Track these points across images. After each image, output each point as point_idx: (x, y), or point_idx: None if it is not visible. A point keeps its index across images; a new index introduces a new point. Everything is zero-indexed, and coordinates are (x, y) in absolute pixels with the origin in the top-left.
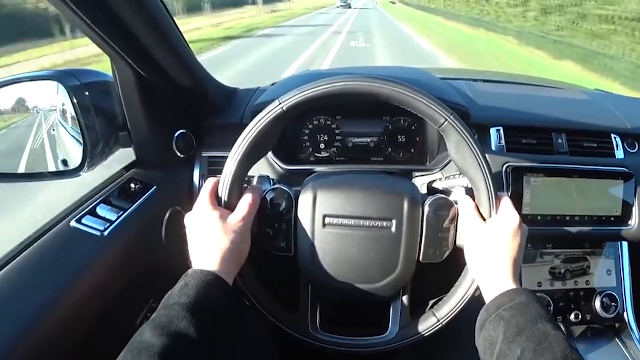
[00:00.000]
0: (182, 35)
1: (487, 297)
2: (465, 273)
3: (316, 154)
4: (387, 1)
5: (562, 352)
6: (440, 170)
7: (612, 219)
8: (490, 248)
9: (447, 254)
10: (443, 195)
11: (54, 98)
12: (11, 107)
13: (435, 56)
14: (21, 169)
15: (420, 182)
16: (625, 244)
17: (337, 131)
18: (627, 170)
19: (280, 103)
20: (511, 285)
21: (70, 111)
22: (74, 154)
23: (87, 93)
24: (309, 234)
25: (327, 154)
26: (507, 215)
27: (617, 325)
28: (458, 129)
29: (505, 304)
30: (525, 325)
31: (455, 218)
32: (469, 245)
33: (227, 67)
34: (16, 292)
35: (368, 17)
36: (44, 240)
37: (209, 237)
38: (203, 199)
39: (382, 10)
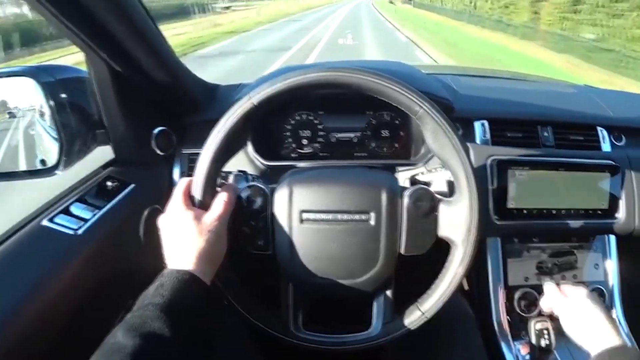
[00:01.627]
0: (159, 31)
1: (595, 347)
2: (448, 265)
3: (299, 150)
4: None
5: None
6: (424, 164)
7: (599, 212)
8: (584, 313)
9: (429, 245)
10: (423, 186)
11: (32, 95)
12: None
13: None
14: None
15: (404, 176)
16: (612, 237)
17: (319, 127)
18: (613, 163)
19: (250, 97)
20: (618, 340)
21: (45, 109)
22: (51, 152)
23: (62, 90)
24: (287, 231)
25: (310, 150)
26: (578, 291)
27: None
28: (434, 117)
29: (618, 356)
30: None
31: (436, 208)
32: (564, 317)
33: None
34: None
35: (357, 25)
36: (14, 239)
37: (184, 238)
38: (176, 200)
39: (378, 15)
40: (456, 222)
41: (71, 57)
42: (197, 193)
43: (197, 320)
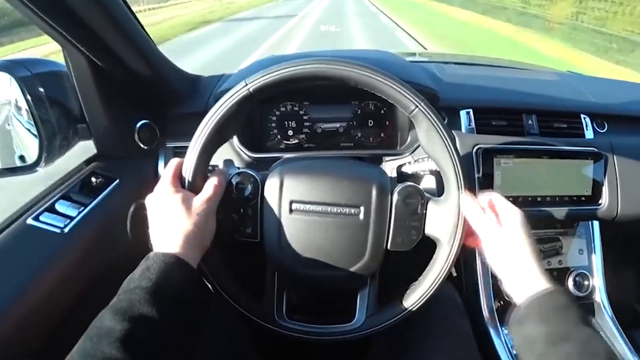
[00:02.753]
0: (138, 22)
1: (521, 294)
2: (433, 263)
3: (285, 141)
4: None
5: (608, 358)
6: (411, 154)
7: (583, 198)
8: (510, 247)
9: (415, 242)
10: (412, 183)
11: (7, 90)
12: None
13: None
14: None
15: (391, 166)
16: (596, 223)
17: (305, 117)
18: (596, 150)
19: (246, 84)
20: (545, 283)
21: (23, 104)
22: (31, 149)
23: (39, 84)
24: (276, 220)
25: (296, 141)
26: (511, 212)
27: (590, 302)
28: (429, 116)
29: (548, 303)
30: (570, 329)
31: (424, 206)
32: (488, 249)
33: None
34: None
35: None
36: None
37: (172, 220)
38: (165, 181)
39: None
40: (443, 221)
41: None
42: (188, 174)
43: (184, 304)
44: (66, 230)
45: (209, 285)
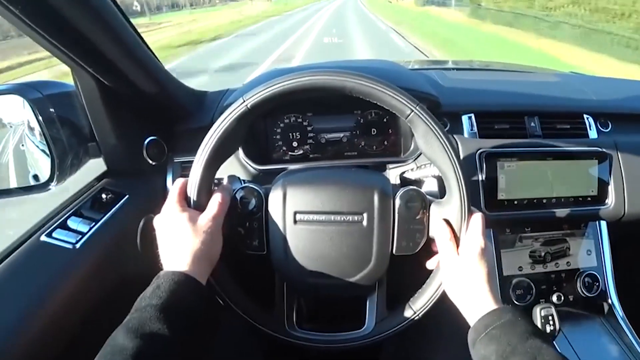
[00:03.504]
0: (143, 41)
1: (472, 318)
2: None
3: (290, 153)
4: None
5: None
6: (414, 160)
7: (589, 199)
8: (464, 274)
9: (420, 245)
10: (414, 187)
11: (21, 112)
12: None
13: None
14: None
15: (395, 174)
16: (603, 223)
17: (309, 128)
18: (601, 149)
19: (244, 101)
20: (493, 304)
21: (35, 125)
22: (44, 168)
23: (50, 105)
24: (281, 232)
25: (301, 152)
26: (473, 239)
27: (599, 304)
28: (425, 120)
29: (494, 322)
30: (517, 342)
31: (427, 209)
32: (446, 274)
33: None
34: None
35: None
36: (14, 256)
37: (179, 239)
38: (171, 201)
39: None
40: (447, 223)
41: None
42: (193, 194)
43: (194, 321)
44: (78, 245)
45: (219, 299)
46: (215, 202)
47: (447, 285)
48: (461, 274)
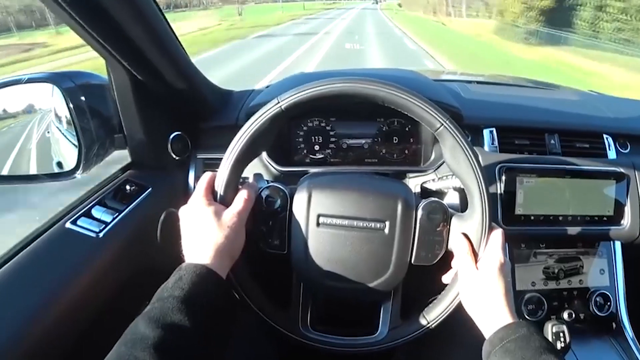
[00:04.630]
0: (177, 39)
1: (488, 331)
2: (456, 277)
3: (311, 156)
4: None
5: None
6: (434, 171)
7: (605, 218)
8: (482, 288)
9: (439, 257)
10: (436, 199)
11: (48, 100)
12: (7, 109)
13: None
14: (14, 172)
15: (414, 183)
16: (618, 243)
17: (331, 133)
18: (619, 170)
19: (279, 102)
20: (509, 318)
21: (65, 113)
22: (69, 156)
23: (82, 95)
24: (303, 233)
25: (322, 156)
26: (492, 254)
27: (610, 324)
28: (454, 134)
29: (509, 336)
30: (531, 356)
31: (448, 221)
32: (464, 287)
33: None
34: (13, 293)
35: None
36: (40, 241)
37: (203, 232)
38: (198, 193)
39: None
40: (466, 237)
41: None
42: (220, 188)
43: (213, 313)
44: (101, 235)
45: (237, 295)
46: (241, 198)
47: (464, 298)
48: (480, 287)
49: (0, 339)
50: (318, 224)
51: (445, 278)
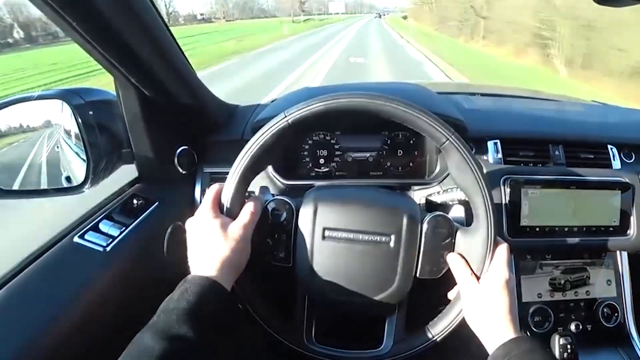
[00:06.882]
0: (183, 54)
1: (491, 346)
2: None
3: (316, 169)
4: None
5: None
6: (439, 183)
7: (611, 229)
8: (485, 304)
9: (444, 270)
10: (442, 213)
11: (58, 116)
12: (18, 125)
13: None
14: (24, 186)
15: (419, 195)
16: (624, 254)
17: (336, 146)
18: (624, 180)
19: (285, 116)
20: (513, 334)
21: (74, 129)
22: (77, 170)
23: (91, 111)
24: (308, 246)
25: (327, 169)
26: (497, 269)
27: (618, 335)
28: (459, 149)
29: (513, 350)
30: None
31: (453, 235)
32: (466, 302)
33: None
34: (21, 306)
35: None
36: (47, 255)
37: (209, 244)
38: (205, 206)
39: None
40: (471, 251)
41: None
42: (227, 201)
43: (218, 325)
44: (108, 249)
45: (241, 307)
46: (248, 211)
47: (467, 313)
48: (483, 303)
49: (8, 353)
50: (323, 237)
51: (451, 294)
